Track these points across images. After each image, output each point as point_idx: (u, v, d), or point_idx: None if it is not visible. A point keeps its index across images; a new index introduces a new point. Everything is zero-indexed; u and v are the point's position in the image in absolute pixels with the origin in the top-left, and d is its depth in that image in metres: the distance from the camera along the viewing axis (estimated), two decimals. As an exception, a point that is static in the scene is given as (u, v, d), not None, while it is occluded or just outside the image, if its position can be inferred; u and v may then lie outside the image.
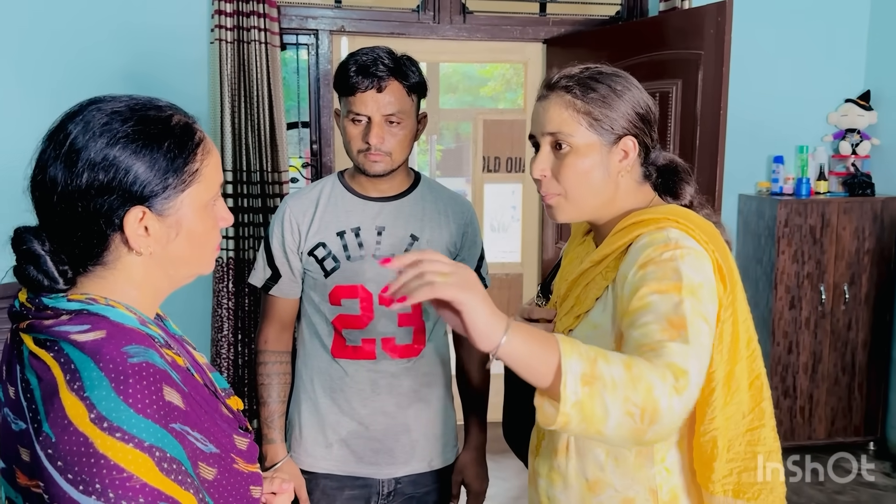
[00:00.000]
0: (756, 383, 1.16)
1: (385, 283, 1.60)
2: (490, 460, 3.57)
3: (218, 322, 3.14)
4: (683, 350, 0.99)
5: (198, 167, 0.88)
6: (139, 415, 0.76)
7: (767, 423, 1.17)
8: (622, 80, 1.19)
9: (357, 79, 1.50)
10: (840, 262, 3.59)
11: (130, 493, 0.74)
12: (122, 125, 0.84)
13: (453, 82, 13.83)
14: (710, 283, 1.08)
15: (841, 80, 3.84)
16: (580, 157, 1.15)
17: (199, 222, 0.90)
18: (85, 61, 3.08)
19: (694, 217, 1.15)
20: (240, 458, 0.91)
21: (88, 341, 0.79)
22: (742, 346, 1.13)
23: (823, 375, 3.65)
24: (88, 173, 0.81)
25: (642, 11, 3.61)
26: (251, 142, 3.13)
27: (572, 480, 1.23)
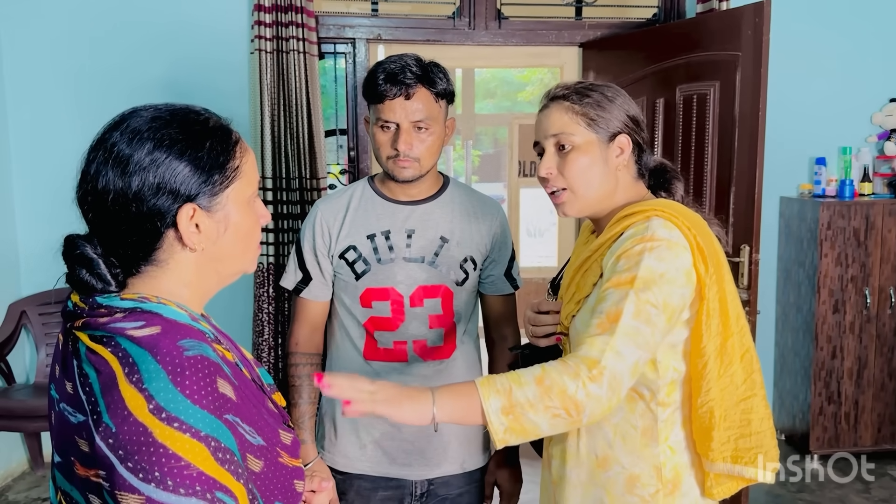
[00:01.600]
0: (746, 356, 1.28)
1: (416, 285, 1.62)
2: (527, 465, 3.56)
3: (259, 326, 3.21)
4: (602, 342, 1.17)
5: (238, 164, 0.93)
6: (195, 405, 0.79)
7: (758, 393, 1.30)
8: (611, 89, 1.35)
9: (385, 86, 1.53)
10: (886, 265, 3.51)
11: (188, 482, 0.77)
12: (166, 128, 0.88)
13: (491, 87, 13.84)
14: (681, 269, 1.21)
15: (885, 80, 3.76)
16: (582, 154, 1.30)
17: (243, 217, 0.94)
18: (126, 72, 3.19)
19: (680, 208, 1.29)
20: (284, 452, 0.94)
21: (145, 336, 0.83)
22: (732, 322, 1.25)
23: (869, 381, 3.57)
24: (139, 176, 0.85)
25: (679, 13, 3.58)
26: (290, 149, 3.19)
27: (583, 458, 1.35)
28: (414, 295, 1.62)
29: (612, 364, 1.15)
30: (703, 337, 1.24)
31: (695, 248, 1.23)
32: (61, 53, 3.22)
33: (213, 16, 3.24)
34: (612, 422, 1.30)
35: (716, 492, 1.29)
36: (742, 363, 1.28)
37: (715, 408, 1.25)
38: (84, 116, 3.12)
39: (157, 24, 3.20)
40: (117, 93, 3.16)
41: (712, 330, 1.24)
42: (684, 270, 1.21)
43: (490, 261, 1.71)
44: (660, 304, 1.19)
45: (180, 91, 3.20)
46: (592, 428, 1.32)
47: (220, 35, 3.25)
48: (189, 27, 3.22)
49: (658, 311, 1.19)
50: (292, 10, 3.11)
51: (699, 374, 1.25)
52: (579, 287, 1.34)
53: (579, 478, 1.35)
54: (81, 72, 3.20)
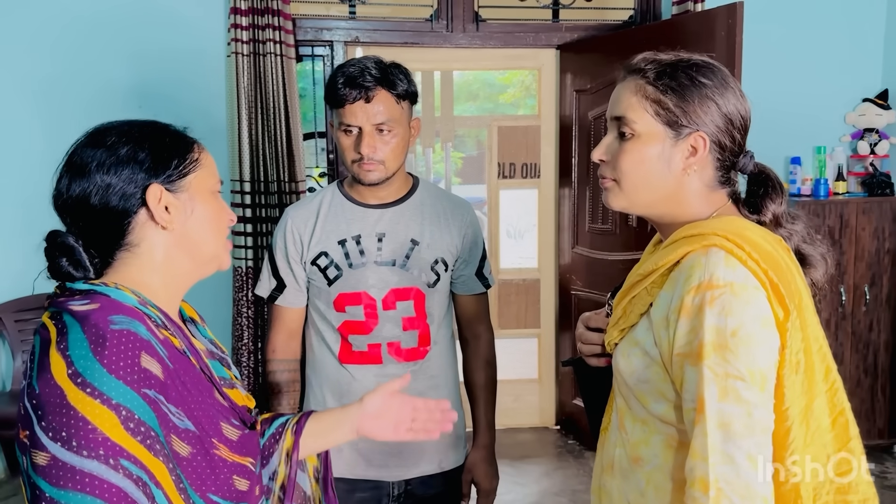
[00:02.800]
0: (840, 420, 1.05)
1: (388, 288, 1.63)
2: (510, 466, 3.59)
3: (238, 330, 3.20)
4: (701, 446, 0.97)
5: (197, 157, 1.02)
6: (111, 375, 0.84)
7: (860, 466, 1.05)
8: (708, 72, 1.09)
9: (345, 90, 1.53)
10: (860, 262, 3.56)
11: (92, 445, 0.81)
12: (128, 127, 1.00)
13: (473, 90, 13.87)
14: (757, 318, 0.98)
15: (858, 80, 3.82)
16: (640, 145, 1.08)
17: (207, 204, 1.02)
18: (98, 77, 3.17)
19: (749, 234, 1.03)
20: (223, 446, 0.96)
21: (81, 310, 0.89)
22: (819, 377, 1.03)
23: (845, 378, 3.59)
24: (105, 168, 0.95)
25: (655, 15, 3.62)
26: (268, 152, 3.18)
27: (616, 501, 1.16)
28: (386, 298, 1.63)
29: (723, 472, 0.95)
30: (786, 398, 0.99)
31: (768, 288, 0.99)
32: (28, 58, 3.18)
33: (188, 19, 3.23)
34: (645, 469, 1.11)
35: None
36: (835, 429, 1.04)
37: (801, 485, 1.01)
38: (52, 124, 3.10)
39: (131, 29, 3.18)
40: (88, 98, 3.13)
41: (796, 389, 1.00)
42: (761, 320, 0.98)
43: (461, 261, 1.72)
44: (745, 374, 0.96)
45: (156, 95, 3.18)
46: (626, 471, 1.14)
47: (197, 38, 3.24)
48: (164, 31, 3.21)
49: (746, 383, 0.96)
50: (269, 12, 3.11)
51: (780, 444, 1.00)
52: (626, 314, 1.13)
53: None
54: (49, 77, 3.16)
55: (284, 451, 1.16)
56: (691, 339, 0.99)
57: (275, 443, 1.16)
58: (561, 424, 4.05)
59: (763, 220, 1.11)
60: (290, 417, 1.20)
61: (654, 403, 1.07)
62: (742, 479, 0.95)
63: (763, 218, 1.11)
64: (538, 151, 3.91)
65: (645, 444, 1.10)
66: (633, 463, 1.12)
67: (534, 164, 4.01)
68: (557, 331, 3.96)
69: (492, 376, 1.80)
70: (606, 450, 1.20)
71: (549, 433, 4.04)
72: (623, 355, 1.11)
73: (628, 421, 1.14)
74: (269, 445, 1.16)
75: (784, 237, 1.09)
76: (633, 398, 1.12)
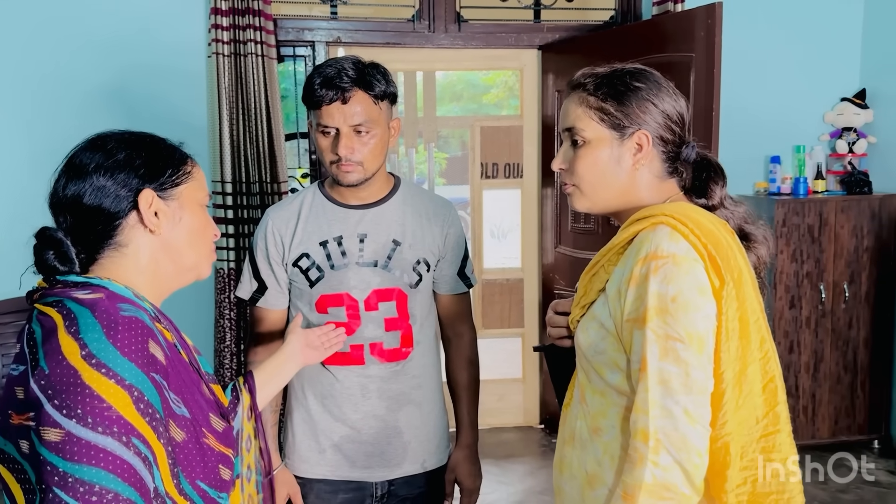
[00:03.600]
0: (770, 386, 1.13)
1: (370, 289, 1.63)
2: (494, 465, 3.60)
3: (220, 332, 3.18)
4: (642, 401, 1.08)
5: (190, 170, 1.08)
6: (124, 357, 0.88)
7: (783, 428, 1.14)
8: (641, 76, 1.22)
9: (322, 91, 1.52)
10: (839, 260, 3.60)
11: (107, 422, 0.85)
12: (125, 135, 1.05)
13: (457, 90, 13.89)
14: (694, 286, 1.08)
15: (836, 79, 3.86)
16: (591, 150, 1.20)
17: (195, 216, 1.08)
18: (78, 77, 3.14)
19: (693, 214, 1.14)
20: (212, 435, 1.01)
21: (88, 298, 0.93)
22: (754, 346, 1.11)
23: (826, 374, 3.65)
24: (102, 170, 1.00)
25: (636, 15, 3.64)
26: (250, 153, 3.17)
27: (576, 471, 1.24)
28: (368, 299, 1.62)
29: (662, 424, 1.05)
30: (722, 362, 1.08)
31: (706, 260, 1.09)
32: (8, 61, 3.15)
33: (169, 19, 3.21)
34: (602, 439, 1.19)
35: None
36: (765, 394, 1.12)
37: (731, 443, 1.09)
38: (34, 126, 3.07)
39: (110, 29, 3.16)
40: (70, 99, 3.10)
41: (731, 354, 1.09)
42: (698, 287, 1.07)
43: (443, 261, 1.72)
44: (683, 336, 1.06)
45: (136, 96, 3.16)
46: (585, 441, 1.22)
47: (177, 39, 3.22)
48: (144, 31, 3.18)
49: (685, 344, 1.06)
50: (250, 13, 3.09)
51: (715, 404, 1.09)
52: (586, 292, 1.24)
53: (571, 493, 1.26)
54: (28, 79, 3.13)
55: (246, 408, 1.26)
56: (638, 305, 1.09)
57: (234, 407, 1.23)
58: (545, 423, 4.06)
59: (710, 203, 1.23)
60: (234, 384, 1.30)
61: (610, 374, 1.17)
62: (679, 432, 1.05)
63: (710, 202, 1.23)
64: (521, 152, 3.92)
65: (603, 416, 1.19)
66: (593, 434, 1.20)
67: (516, 164, 4.03)
68: (541, 330, 3.97)
69: (474, 376, 1.81)
70: (568, 423, 1.29)
71: (533, 432, 4.05)
72: (582, 330, 1.21)
73: (588, 393, 1.22)
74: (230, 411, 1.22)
75: (727, 218, 1.21)
76: (592, 370, 1.21)
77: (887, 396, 3.72)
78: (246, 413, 1.25)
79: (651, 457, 1.05)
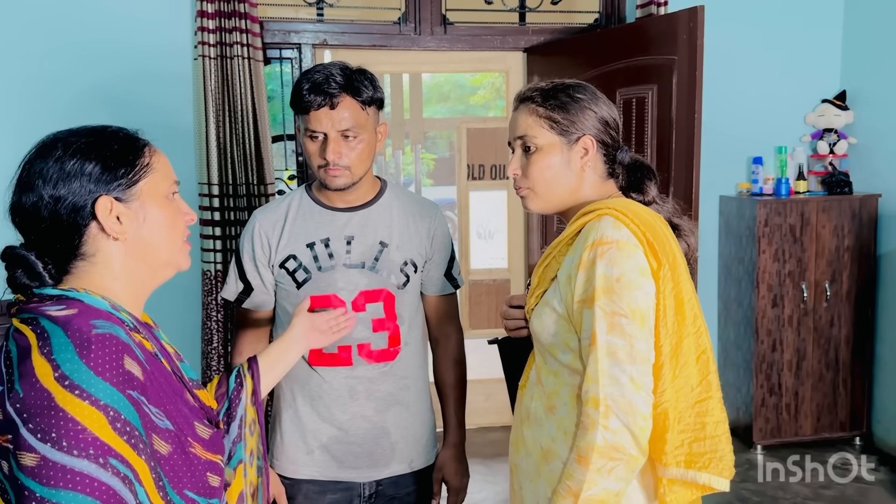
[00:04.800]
0: (703, 357, 1.27)
1: (357, 290, 1.64)
2: (481, 464, 3.62)
3: (208, 334, 3.18)
4: (592, 371, 1.20)
5: (148, 161, 1.02)
6: (98, 377, 0.86)
7: (714, 395, 1.27)
8: (580, 89, 1.37)
9: (310, 97, 1.54)
10: (821, 259, 3.64)
11: (82, 445, 0.83)
12: (74, 137, 0.99)
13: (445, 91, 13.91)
14: (635, 268, 1.21)
15: (817, 81, 3.91)
16: (543, 155, 1.34)
17: (160, 210, 1.03)
18: (65, 81, 3.13)
19: (633, 206, 1.29)
20: (198, 444, 0.99)
21: (61, 315, 0.91)
22: (689, 322, 1.24)
23: (808, 372, 3.70)
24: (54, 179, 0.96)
25: (620, 18, 3.67)
26: (237, 155, 3.17)
27: (531, 448, 1.35)
28: (356, 300, 1.64)
29: (611, 391, 1.18)
30: (660, 336, 1.22)
31: (645, 245, 1.23)
32: (-2, 61, 3.14)
33: (155, 22, 3.21)
34: (556, 416, 1.30)
35: (669, 499, 1.25)
36: (698, 365, 1.26)
37: (669, 410, 1.22)
38: (21, 129, 3.06)
39: (97, 32, 3.15)
40: (56, 102, 3.10)
41: (668, 329, 1.23)
42: (639, 269, 1.21)
43: (430, 262, 1.74)
44: (627, 312, 1.19)
45: (122, 99, 3.16)
46: (541, 419, 1.33)
47: (164, 41, 3.22)
48: (130, 34, 3.18)
49: (629, 319, 1.19)
50: (236, 15, 3.10)
51: (655, 375, 1.22)
52: (540, 281, 1.37)
53: (527, 468, 1.36)
54: (11, 81, 3.12)
55: (249, 393, 1.26)
56: (587, 287, 1.22)
57: (238, 395, 1.24)
58: (532, 423, 4.08)
59: (646, 199, 1.39)
60: (238, 369, 1.30)
61: (562, 354, 1.29)
62: (626, 398, 1.18)
63: (646, 198, 1.39)
64: (507, 153, 3.95)
65: (556, 395, 1.31)
66: (548, 412, 1.32)
67: (503, 165, 4.06)
68: (528, 330, 3.99)
69: (461, 375, 1.83)
70: (524, 403, 1.41)
71: (520, 432, 4.07)
72: (537, 316, 1.33)
73: (544, 375, 1.35)
74: (234, 400, 1.24)
75: (658, 211, 1.36)
76: (546, 353, 1.33)
77: (869, 394, 3.78)
78: (249, 398, 1.25)
79: (602, 421, 1.17)
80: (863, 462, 3.56)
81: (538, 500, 1.32)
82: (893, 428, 3.67)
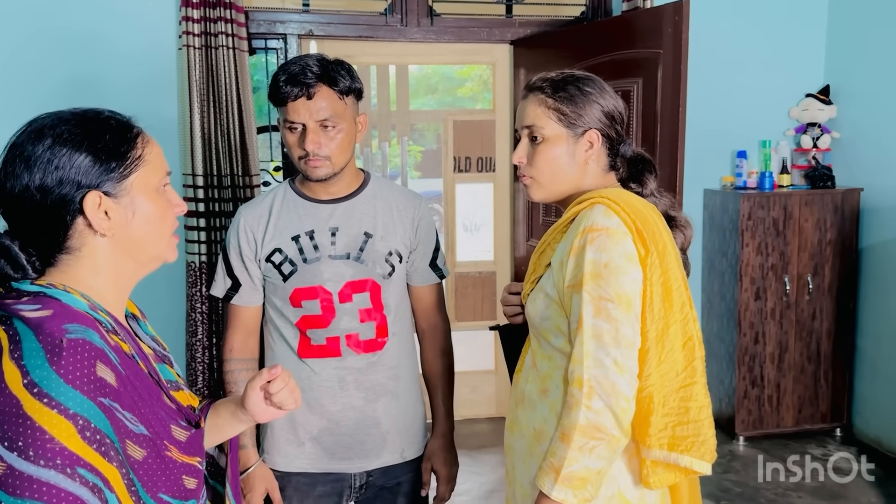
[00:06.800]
0: (689, 344, 1.29)
1: (343, 281, 1.65)
2: (467, 456, 3.63)
3: (192, 326, 3.17)
4: (578, 353, 1.23)
5: (140, 153, 0.99)
6: (68, 385, 0.84)
7: (699, 381, 1.30)
8: (590, 83, 1.40)
9: (287, 88, 1.55)
10: (803, 253, 3.68)
11: (50, 454, 0.81)
12: (65, 125, 0.95)
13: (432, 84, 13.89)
14: (623, 255, 1.24)
15: (801, 76, 3.94)
16: (550, 146, 1.37)
17: (151, 203, 1.00)
18: (48, 71, 3.10)
19: (626, 196, 1.32)
20: (174, 447, 0.98)
21: (35, 317, 0.88)
22: (676, 309, 1.27)
23: (790, 365, 3.74)
24: (41, 170, 0.92)
25: (606, 11, 3.67)
26: (221, 146, 3.16)
27: (524, 429, 1.39)
28: (342, 291, 1.65)
29: (595, 373, 1.22)
30: (646, 321, 1.25)
31: (634, 233, 1.26)
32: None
33: (139, 12, 3.18)
34: (549, 398, 1.33)
35: (652, 481, 1.28)
36: (684, 350, 1.28)
37: (654, 393, 1.25)
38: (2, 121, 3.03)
39: (80, 21, 3.12)
40: (38, 92, 3.07)
41: (655, 315, 1.25)
42: (626, 255, 1.24)
43: (415, 252, 1.75)
44: (613, 297, 1.22)
45: (106, 89, 3.13)
46: (534, 401, 1.36)
47: (147, 31, 3.19)
48: (114, 23, 3.15)
49: (615, 304, 1.22)
50: (221, 5, 3.08)
51: (641, 359, 1.26)
52: (535, 267, 1.40)
53: (521, 449, 1.39)
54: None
55: None
56: (577, 272, 1.26)
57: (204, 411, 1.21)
58: (517, 415, 4.10)
59: (644, 191, 1.41)
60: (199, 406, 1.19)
61: (555, 338, 1.33)
62: (610, 380, 1.21)
63: (644, 190, 1.42)
64: (493, 146, 3.95)
65: (549, 378, 1.34)
66: (542, 394, 1.35)
67: (489, 158, 4.06)
68: (513, 323, 4.00)
69: (449, 366, 1.84)
70: (519, 386, 1.44)
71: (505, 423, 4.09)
72: (531, 301, 1.37)
73: (539, 358, 1.38)
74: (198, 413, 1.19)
75: (655, 203, 1.39)
76: (541, 337, 1.37)
77: (849, 386, 3.82)
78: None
79: (585, 401, 1.21)
80: (843, 453, 3.60)
81: (531, 479, 1.34)
82: (873, 420, 3.72)
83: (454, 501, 3.14)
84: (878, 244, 3.68)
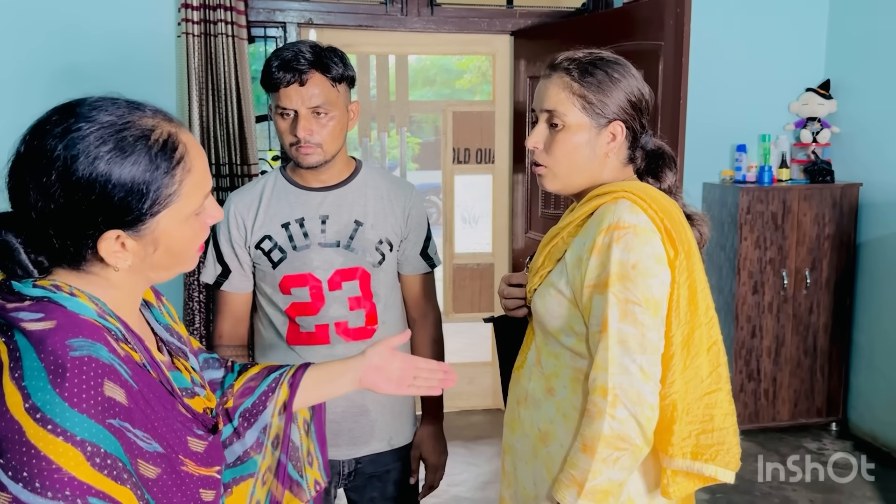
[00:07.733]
0: (713, 349, 1.24)
1: (333, 269, 1.65)
2: (462, 447, 3.64)
3: (189, 315, 3.17)
4: (602, 359, 1.16)
5: (175, 188, 0.88)
6: (73, 409, 0.77)
7: (724, 388, 1.24)
8: (620, 68, 1.28)
9: (279, 74, 1.54)
10: (801, 247, 3.68)
11: (57, 485, 0.75)
12: (105, 145, 0.84)
13: (431, 75, 13.85)
14: (652, 256, 1.16)
15: (801, 70, 3.93)
16: (570, 135, 1.25)
17: (178, 235, 0.91)
18: (46, 59, 3.08)
19: (651, 191, 1.23)
20: (190, 461, 0.92)
21: (37, 330, 0.81)
22: (701, 312, 1.20)
23: (786, 358, 3.74)
24: (64, 197, 0.82)
25: (607, 3, 3.66)
26: (220, 135, 3.15)
27: (527, 430, 1.33)
28: (332, 279, 1.64)
29: (620, 381, 1.14)
30: (672, 325, 1.18)
31: (662, 232, 1.18)
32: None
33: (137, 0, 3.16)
34: (556, 398, 1.27)
35: (672, 490, 1.22)
36: (709, 356, 1.23)
37: (678, 401, 1.19)
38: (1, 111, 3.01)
39: (78, 9, 3.10)
40: (37, 81, 3.04)
41: (681, 319, 1.19)
42: (655, 256, 1.16)
43: (406, 242, 1.75)
44: (641, 300, 1.14)
45: (105, 76, 3.11)
46: (539, 401, 1.31)
47: (146, 19, 3.17)
48: (112, 11, 3.13)
49: (642, 307, 1.14)
50: (220, -7, 3.06)
51: (665, 365, 1.19)
52: (545, 262, 1.31)
53: (523, 450, 1.35)
54: None
55: (280, 404, 1.15)
56: (600, 272, 1.17)
57: (266, 399, 1.15)
58: (514, 406, 4.10)
59: (662, 186, 1.32)
60: (284, 370, 1.19)
61: (565, 336, 1.26)
62: (635, 388, 1.14)
63: (662, 185, 1.32)
64: (493, 137, 3.94)
65: (556, 377, 1.28)
66: (547, 393, 1.28)
67: (488, 149, 4.04)
68: (510, 314, 4.00)
69: (439, 355, 1.84)
70: (521, 384, 1.37)
71: (501, 415, 4.05)
72: (540, 296, 1.29)
73: (544, 356, 1.32)
74: (259, 402, 1.15)
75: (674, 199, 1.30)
76: (548, 334, 1.29)
77: (845, 380, 3.83)
78: (278, 408, 1.15)
79: (609, 410, 1.14)
80: (838, 447, 3.62)
81: (535, 481, 1.31)
82: (868, 414, 3.73)
83: (451, 492, 3.16)
84: (875, 239, 3.68)
